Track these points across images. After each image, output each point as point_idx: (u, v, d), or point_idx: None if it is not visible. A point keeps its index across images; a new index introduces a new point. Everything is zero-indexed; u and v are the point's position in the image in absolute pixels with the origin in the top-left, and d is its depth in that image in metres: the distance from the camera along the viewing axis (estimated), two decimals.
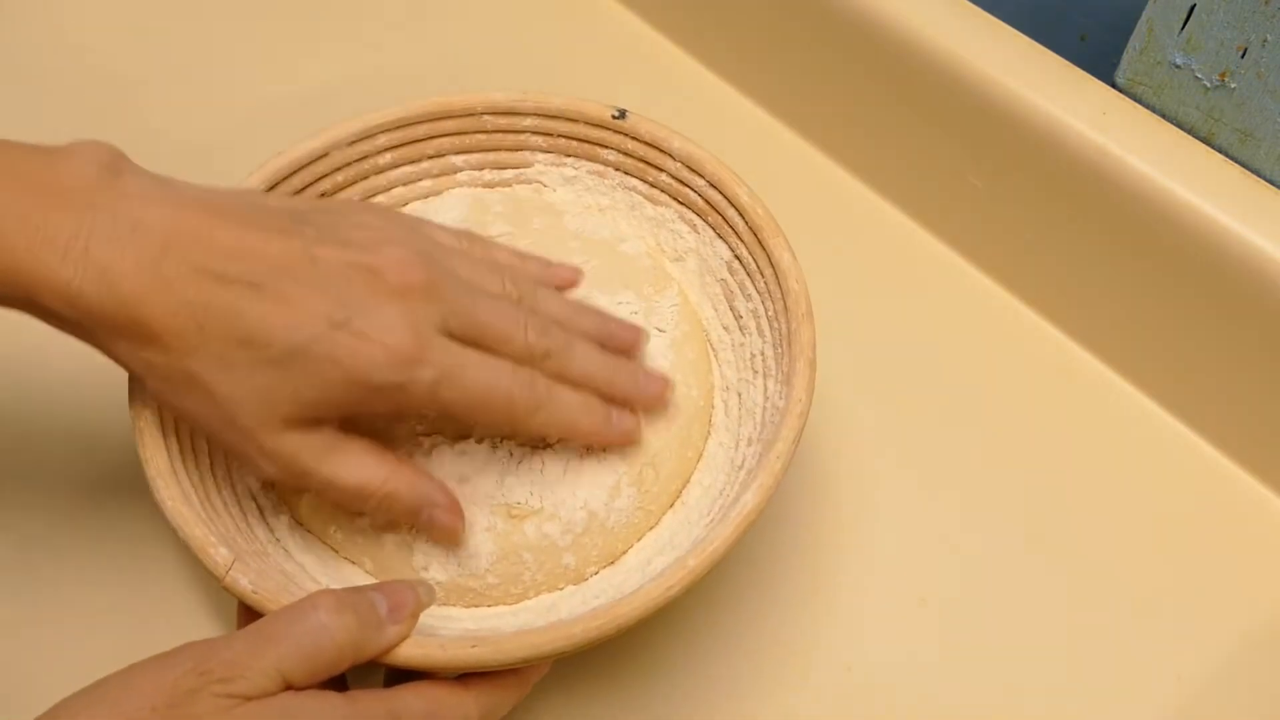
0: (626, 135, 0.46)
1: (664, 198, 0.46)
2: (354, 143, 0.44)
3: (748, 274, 0.43)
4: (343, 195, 0.45)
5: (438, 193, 0.47)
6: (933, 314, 0.52)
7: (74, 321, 0.32)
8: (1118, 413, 0.49)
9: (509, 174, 0.47)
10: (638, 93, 0.60)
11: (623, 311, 0.42)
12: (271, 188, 0.42)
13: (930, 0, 0.51)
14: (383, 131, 0.45)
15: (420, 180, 0.47)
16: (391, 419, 0.38)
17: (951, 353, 0.50)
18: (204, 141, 0.56)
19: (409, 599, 0.33)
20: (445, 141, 0.47)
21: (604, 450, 0.39)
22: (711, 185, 0.44)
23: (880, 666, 0.41)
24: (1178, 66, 0.46)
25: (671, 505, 0.40)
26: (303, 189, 0.44)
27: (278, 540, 0.38)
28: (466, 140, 0.47)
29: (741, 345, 0.43)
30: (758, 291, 0.43)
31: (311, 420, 0.33)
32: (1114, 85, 0.48)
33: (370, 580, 0.38)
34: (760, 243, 0.42)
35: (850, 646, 0.42)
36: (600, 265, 0.44)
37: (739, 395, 0.42)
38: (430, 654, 0.32)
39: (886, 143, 0.54)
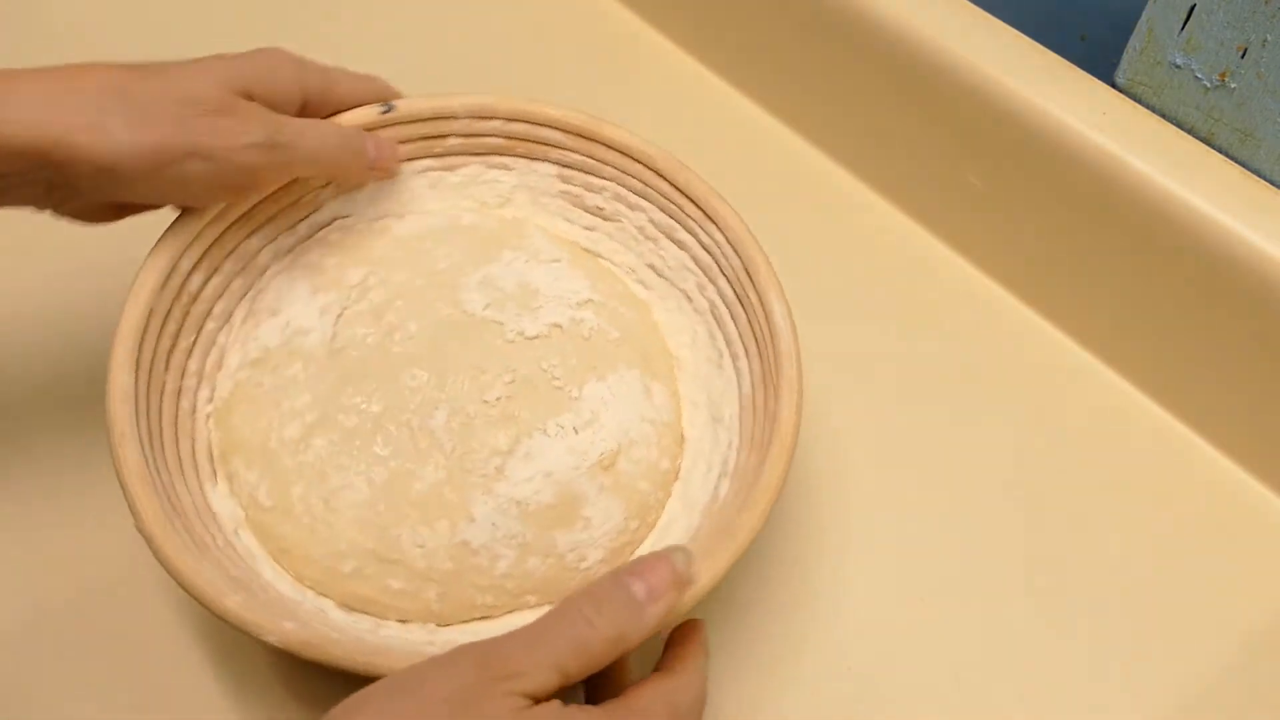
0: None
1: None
2: None
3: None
4: None
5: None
6: (932, 313, 0.52)
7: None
8: (1118, 412, 0.49)
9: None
10: (638, 93, 0.60)
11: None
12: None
13: (930, 0, 0.51)
14: None
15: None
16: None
17: (951, 352, 0.50)
18: None
19: (665, 574, 0.33)
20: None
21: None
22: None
23: (880, 666, 0.41)
24: (1178, 66, 0.46)
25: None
26: None
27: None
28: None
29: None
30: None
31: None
32: (1114, 85, 0.48)
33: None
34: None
35: (850, 646, 0.42)
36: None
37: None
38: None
39: (886, 142, 0.54)
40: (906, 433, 0.48)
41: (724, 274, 0.43)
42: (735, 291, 0.42)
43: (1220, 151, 0.46)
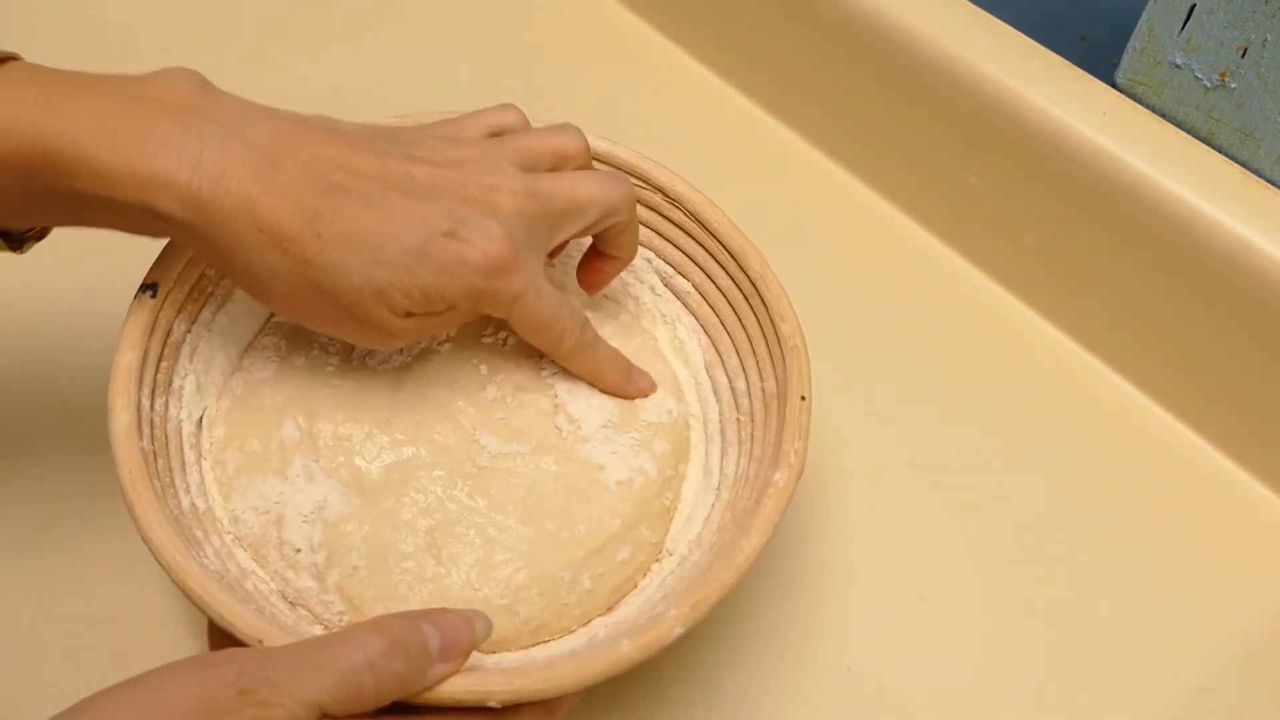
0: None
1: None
2: None
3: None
4: None
5: None
6: (932, 313, 0.52)
7: (190, 225, 0.33)
8: (1117, 412, 0.49)
9: None
10: (638, 93, 0.60)
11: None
12: None
13: (930, 0, 0.51)
14: None
15: None
16: (464, 319, 0.38)
17: (951, 352, 0.50)
18: None
19: (464, 636, 0.31)
20: None
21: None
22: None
23: (880, 666, 0.41)
24: (1178, 66, 0.46)
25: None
26: None
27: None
28: None
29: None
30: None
31: (421, 314, 0.36)
32: (1114, 85, 0.48)
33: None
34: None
35: (850, 646, 0.42)
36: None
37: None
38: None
39: (886, 142, 0.54)
40: (906, 432, 0.48)
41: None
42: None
43: (1220, 151, 0.46)
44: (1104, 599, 0.43)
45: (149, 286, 0.37)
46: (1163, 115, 0.47)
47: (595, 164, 0.42)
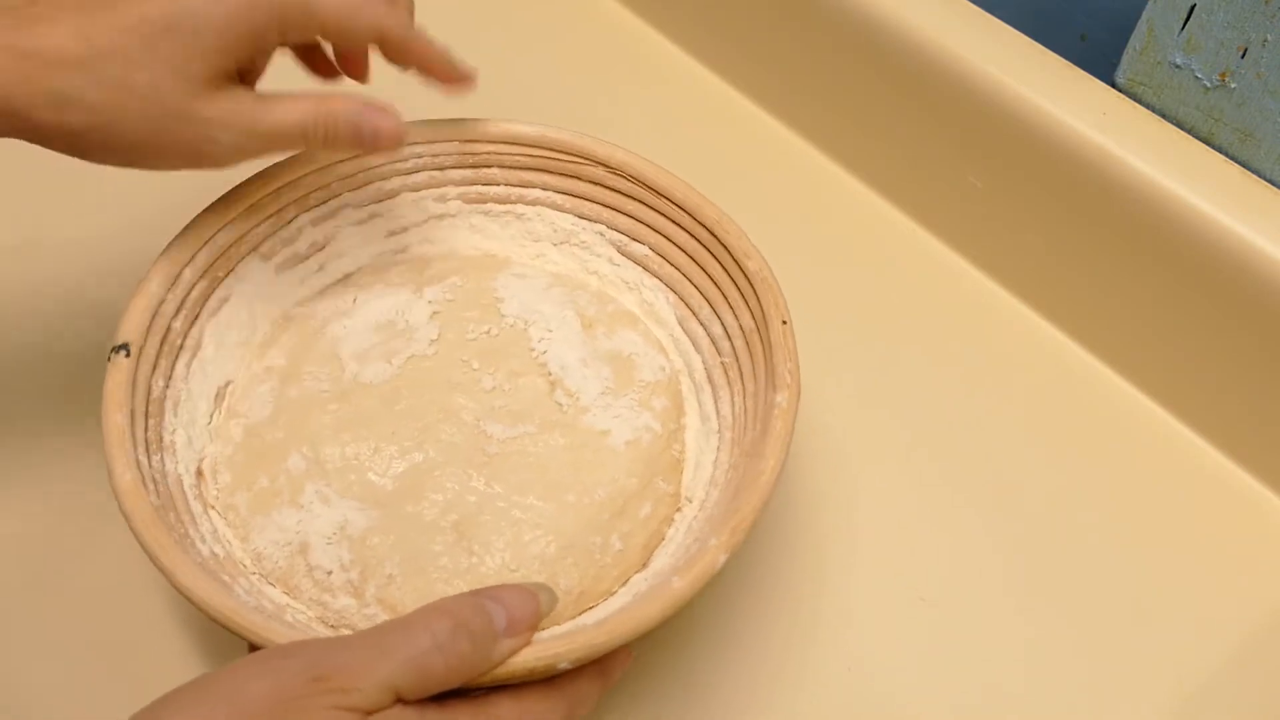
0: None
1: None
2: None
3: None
4: None
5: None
6: (932, 313, 0.52)
7: None
8: (1118, 412, 0.49)
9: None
10: (638, 94, 0.60)
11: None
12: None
13: (930, 0, 0.51)
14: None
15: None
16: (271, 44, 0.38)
17: (951, 352, 0.50)
18: None
19: (528, 610, 0.31)
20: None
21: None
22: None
23: (880, 666, 0.41)
24: (1178, 66, 0.46)
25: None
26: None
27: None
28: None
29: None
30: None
31: (224, 75, 0.35)
32: (1114, 85, 0.48)
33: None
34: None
35: (850, 646, 0.42)
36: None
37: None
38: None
39: (886, 142, 0.54)
40: (906, 433, 0.48)
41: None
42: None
43: (1220, 151, 0.46)
44: (1104, 598, 0.43)
45: (122, 347, 0.37)
46: (1163, 115, 0.47)
47: (527, 152, 0.45)
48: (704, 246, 0.43)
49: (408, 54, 0.40)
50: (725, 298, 0.42)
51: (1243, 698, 0.41)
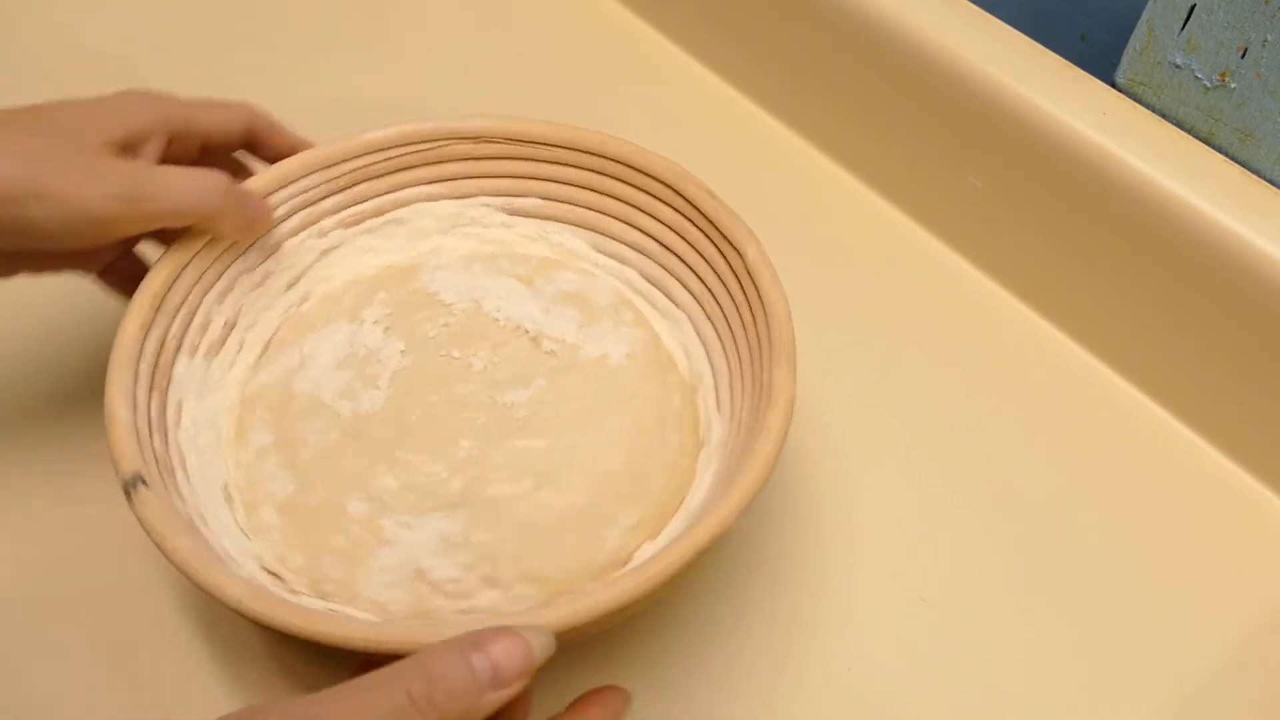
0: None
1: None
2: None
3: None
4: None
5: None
6: (932, 314, 0.52)
7: None
8: (1117, 412, 0.49)
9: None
10: (638, 94, 0.60)
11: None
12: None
13: (930, 0, 0.51)
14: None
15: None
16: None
17: (951, 352, 0.50)
18: None
19: (518, 659, 0.30)
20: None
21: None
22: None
23: (880, 666, 0.41)
24: (1178, 66, 0.46)
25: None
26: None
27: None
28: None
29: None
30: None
31: (118, 147, 0.37)
32: (1114, 85, 0.48)
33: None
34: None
35: (850, 646, 0.42)
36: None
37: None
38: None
39: (886, 142, 0.54)
40: (906, 433, 0.48)
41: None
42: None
43: (1220, 151, 0.46)
44: (1103, 598, 0.43)
45: (136, 479, 0.35)
46: (1163, 115, 0.47)
47: (387, 155, 0.45)
48: (602, 174, 0.45)
49: (280, 149, 0.43)
50: (637, 207, 0.45)
51: (1243, 698, 0.41)
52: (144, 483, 0.35)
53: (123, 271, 0.43)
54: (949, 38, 0.49)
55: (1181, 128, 0.47)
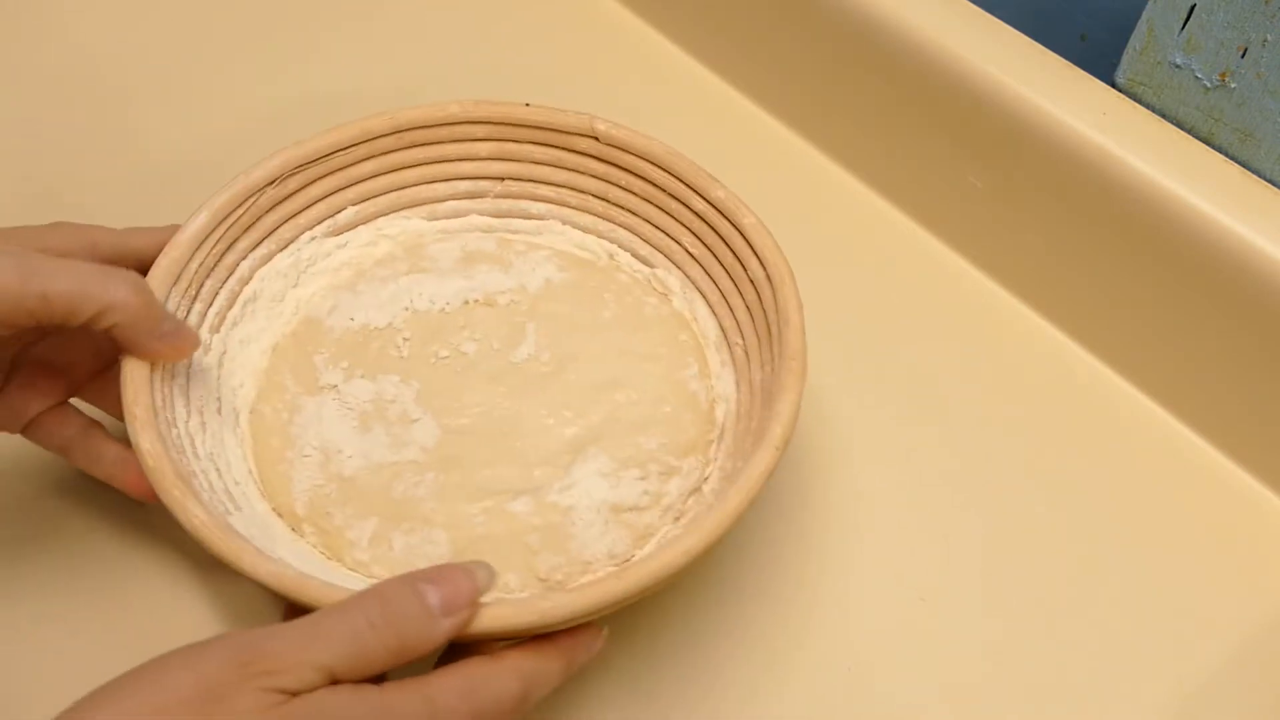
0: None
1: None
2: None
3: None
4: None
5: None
6: (932, 314, 0.52)
7: None
8: (1117, 412, 0.49)
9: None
10: (638, 93, 0.60)
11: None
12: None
13: (930, 0, 0.51)
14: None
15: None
16: None
17: (951, 352, 0.50)
18: (198, 146, 0.56)
19: (465, 589, 0.31)
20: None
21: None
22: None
23: (880, 666, 0.41)
24: (1178, 66, 0.46)
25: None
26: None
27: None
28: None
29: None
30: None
31: None
32: (1114, 85, 0.48)
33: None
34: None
35: (850, 646, 0.42)
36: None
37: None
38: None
39: (886, 142, 0.54)
40: (906, 432, 0.48)
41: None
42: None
43: (1220, 151, 0.46)
44: (1103, 598, 0.43)
45: None
46: (1163, 115, 0.47)
47: (271, 191, 0.43)
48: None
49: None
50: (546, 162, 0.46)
51: (1243, 698, 0.41)
52: None
53: (52, 426, 0.39)
54: (949, 38, 0.49)
55: (1181, 128, 0.47)
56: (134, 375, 0.36)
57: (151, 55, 0.60)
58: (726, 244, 0.43)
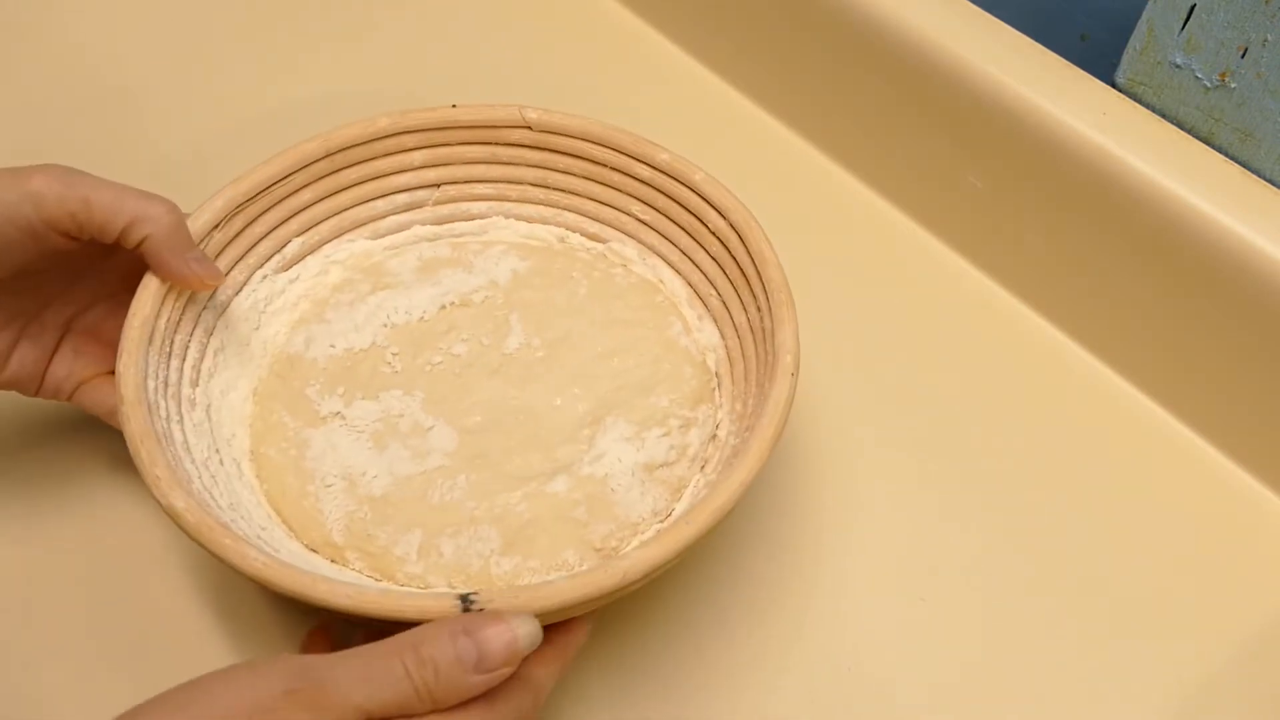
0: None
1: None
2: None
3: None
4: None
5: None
6: (932, 314, 0.52)
7: None
8: (1117, 412, 0.49)
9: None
10: (638, 93, 0.60)
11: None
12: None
13: (930, 0, 0.51)
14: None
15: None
16: None
17: (951, 352, 0.50)
18: (198, 146, 0.56)
19: (501, 646, 0.31)
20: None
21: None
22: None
23: (880, 666, 0.41)
24: (1178, 66, 0.46)
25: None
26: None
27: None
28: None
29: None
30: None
31: None
32: (1114, 85, 0.48)
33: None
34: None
35: (850, 646, 0.42)
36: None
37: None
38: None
39: (886, 142, 0.54)
40: (906, 432, 0.48)
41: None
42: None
43: (1220, 151, 0.46)
44: (1104, 598, 0.43)
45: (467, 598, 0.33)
46: (1163, 115, 0.47)
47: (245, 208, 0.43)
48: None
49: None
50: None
51: (1243, 698, 0.41)
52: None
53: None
54: (949, 38, 0.49)
55: (1181, 128, 0.47)
56: (137, 429, 0.35)
57: (151, 55, 0.60)
58: (680, 204, 0.44)
